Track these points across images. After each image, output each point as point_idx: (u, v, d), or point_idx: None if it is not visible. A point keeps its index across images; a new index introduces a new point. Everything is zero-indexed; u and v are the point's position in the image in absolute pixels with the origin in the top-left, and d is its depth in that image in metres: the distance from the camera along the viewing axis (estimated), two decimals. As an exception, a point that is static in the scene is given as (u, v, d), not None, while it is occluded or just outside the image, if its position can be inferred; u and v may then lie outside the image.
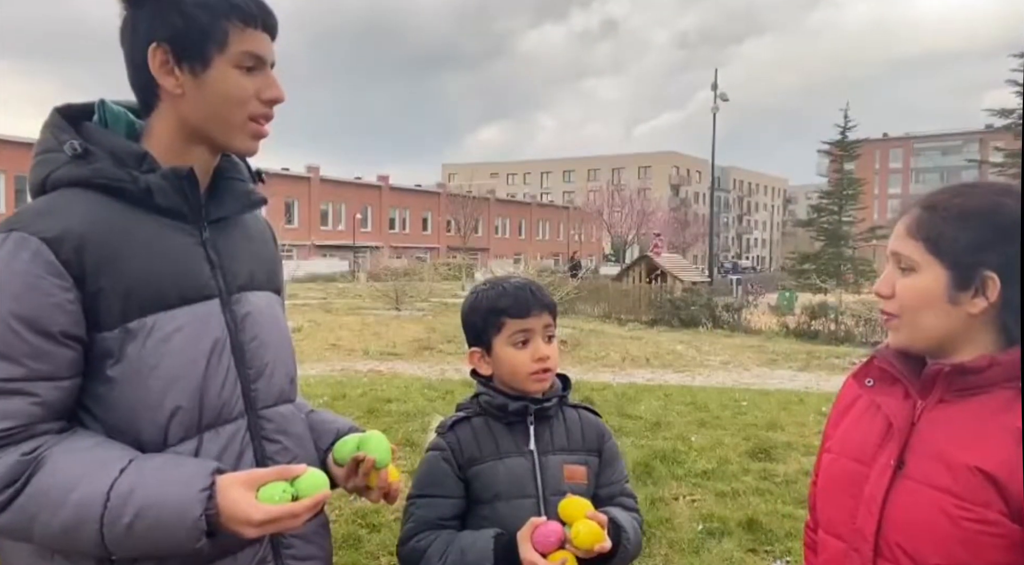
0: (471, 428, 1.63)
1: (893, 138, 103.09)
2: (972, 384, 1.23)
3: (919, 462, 1.24)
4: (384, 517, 4.34)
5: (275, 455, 1.35)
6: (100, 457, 1.17)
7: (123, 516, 1.12)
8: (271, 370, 1.38)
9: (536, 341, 1.62)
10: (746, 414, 7.80)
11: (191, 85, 1.26)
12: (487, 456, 1.59)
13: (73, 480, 1.13)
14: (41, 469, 1.14)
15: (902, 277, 1.27)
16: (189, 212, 1.31)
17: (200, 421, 1.26)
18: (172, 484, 1.14)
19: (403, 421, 7.07)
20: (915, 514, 1.22)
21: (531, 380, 1.61)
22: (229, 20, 1.25)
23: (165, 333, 1.23)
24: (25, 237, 1.17)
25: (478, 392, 1.68)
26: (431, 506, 1.57)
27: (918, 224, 1.26)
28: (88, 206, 1.23)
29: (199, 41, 1.24)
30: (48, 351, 1.16)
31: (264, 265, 1.46)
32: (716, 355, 13.37)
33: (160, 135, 1.30)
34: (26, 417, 1.15)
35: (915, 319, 1.26)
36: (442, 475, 1.59)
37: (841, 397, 1.49)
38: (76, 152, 1.24)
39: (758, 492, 5.07)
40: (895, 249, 1.29)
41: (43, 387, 1.17)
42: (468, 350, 1.71)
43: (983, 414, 1.21)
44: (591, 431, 1.70)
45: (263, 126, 1.33)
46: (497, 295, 1.65)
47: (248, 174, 1.44)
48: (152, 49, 1.24)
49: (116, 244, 1.22)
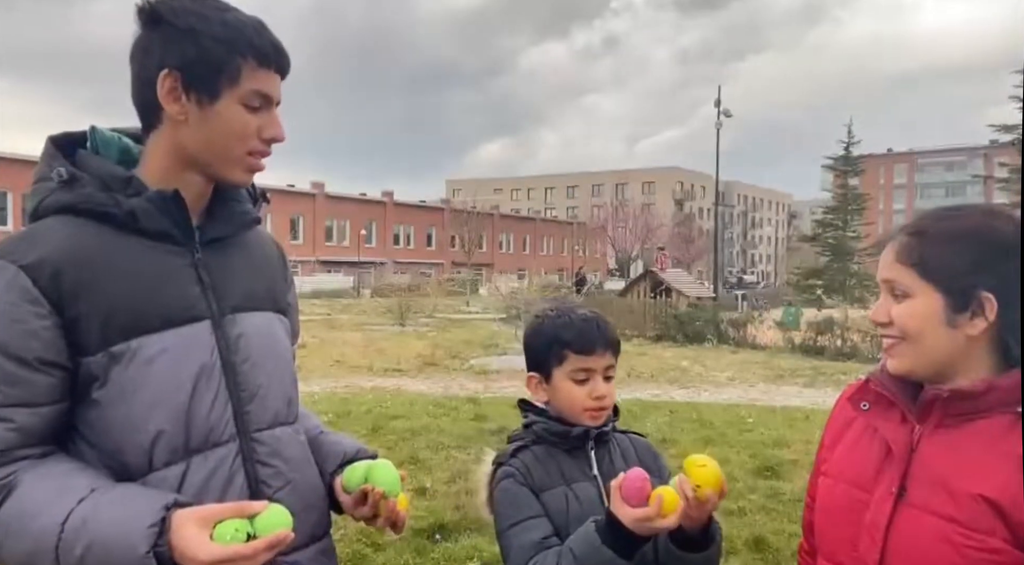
0: (533, 455, 1.59)
1: (897, 153, 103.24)
2: (971, 409, 1.22)
3: (921, 489, 1.22)
4: (389, 537, 4.32)
5: (268, 479, 1.33)
6: (64, 486, 1.16)
7: (75, 548, 1.11)
8: (265, 392, 1.35)
9: (596, 380, 1.60)
10: (752, 431, 7.76)
11: (196, 114, 1.27)
12: (555, 482, 1.56)
13: (36, 508, 1.13)
14: (12, 494, 1.14)
15: (897, 304, 1.26)
16: (179, 234, 1.30)
17: (187, 445, 1.24)
18: (122, 520, 1.12)
19: (408, 438, 7.05)
20: (918, 542, 1.20)
21: (586, 415, 1.60)
22: (244, 58, 1.26)
23: (148, 356, 1.22)
24: (3, 265, 1.19)
25: (531, 421, 1.66)
26: (528, 529, 1.51)
27: (907, 250, 1.26)
28: (69, 232, 1.23)
29: (211, 74, 1.25)
30: (24, 377, 1.17)
31: (265, 284, 1.44)
32: (721, 371, 13.31)
33: (155, 157, 1.31)
34: (3, 443, 1.16)
35: (916, 344, 1.25)
36: (525, 497, 1.54)
37: (834, 418, 1.47)
38: (63, 178, 1.25)
39: (765, 510, 5.04)
40: (887, 277, 1.28)
41: (19, 413, 1.17)
42: (527, 374, 1.69)
43: (984, 440, 1.20)
44: (646, 453, 1.70)
45: (259, 161, 1.34)
46: (562, 325, 1.63)
47: (248, 195, 1.44)
48: (163, 75, 1.25)
49: (96, 269, 1.22)
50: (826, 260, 40.78)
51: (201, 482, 1.24)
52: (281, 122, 1.34)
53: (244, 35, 1.27)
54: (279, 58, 1.31)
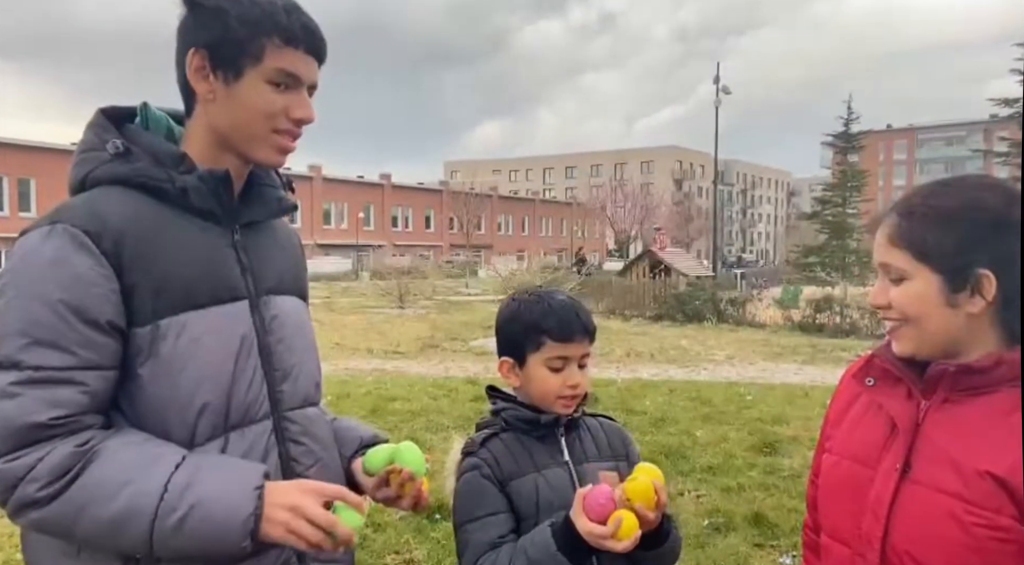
0: (502, 443, 1.58)
1: (897, 129, 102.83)
2: (978, 384, 1.20)
3: (927, 466, 1.20)
4: (389, 517, 4.35)
5: (300, 457, 1.37)
6: (153, 452, 1.18)
7: (177, 509, 1.13)
8: (297, 372, 1.39)
9: (571, 367, 1.59)
10: (751, 408, 7.79)
11: (222, 92, 1.29)
12: (525, 469, 1.55)
13: (128, 472, 1.15)
14: (96, 460, 1.15)
15: (894, 286, 1.25)
16: (222, 214, 1.33)
17: (227, 420, 1.27)
18: (228, 482, 1.17)
19: (408, 420, 7.09)
20: (924, 520, 1.18)
21: (559, 403, 1.59)
22: (269, 37, 1.27)
23: (196, 332, 1.24)
24: (69, 229, 1.19)
25: (500, 408, 1.64)
26: (484, 527, 1.51)
27: (899, 232, 1.24)
28: (126, 203, 1.25)
29: (235, 52, 1.26)
30: (96, 340, 1.18)
31: (291, 271, 1.48)
32: (721, 349, 13.35)
33: (195, 138, 1.33)
34: (76, 406, 1.16)
35: (918, 326, 1.23)
36: (487, 492, 1.53)
37: (839, 394, 1.46)
38: (118, 151, 1.27)
39: (764, 487, 5.07)
40: (882, 260, 1.26)
41: (91, 376, 1.17)
42: (500, 359, 1.66)
43: (991, 416, 1.18)
44: (616, 437, 1.69)
45: (288, 141, 1.35)
46: (541, 312, 1.60)
47: (280, 182, 1.46)
48: (191, 54, 1.28)
49: (152, 241, 1.24)
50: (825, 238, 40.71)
51: (239, 457, 1.27)
52: (310, 103, 1.34)
53: (272, 14, 1.27)
54: (309, 38, 1.31)
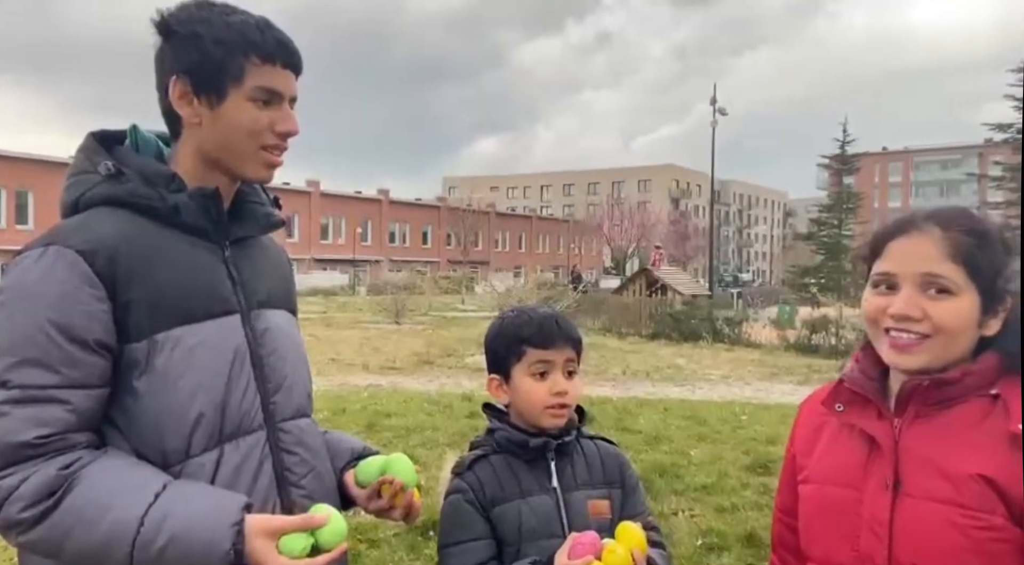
0: (491, 466, 1.57)
1: (893, 152, 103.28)
2: (948, 396, 1.24)
3: (916, 479, 1.23)
4: (383, 533, 4.34)
5: (294, 466, 1.38)
6: (135, 480, 1.19)
7: (155, 541, 1.14)
8: (290, 384, 1.41)
9: (556, 374, 1.57)
10: (746, 428, 7.78)
11: (208, 116, 1.32)
12: (510, 495, 1.53)
13: (109, 499, 1.16)
14: (78, 484, 1.16)
15: (933, 300, 1.23)
16: (213, 231, 1.36)
17: (222, 431, 1.29)
18: (205, 516, 1.17)
19: (403, 436, 7.07)
20: (923, 530, 1.21)
21: (546, 414, 1.57)
22: (247, 57, 1.31)
23: (190, 345, 1.27)
24: (62, 250, 1.22)
25: (493, 428, 1.63)
26: (464, 553, 1.50)
27: (957, 248, 1.23)
28: (119, 222, 1.28)
29: (215, 75, 1.30)
30: (82, 359, 1.20)
31: (281, 285, 1.51)
32: (716, 369, 13.35)
33: (183, 161, 1.37)
34: (61, 425, 1.17)
35: (948, 342, 1.23)
36: (469, 518, 1.52)
37: (801, 426, 1.46)
38: (110, 172, 1.30)
39: (758, 507, 5.06)
40: (933, 271, 1.23)
41: (77, 395, 1.19)
42: (488, 377, 1.67)
43: (968, 423, 1.22)
44: (611, 462, 1.65)
45: (276, 156, 1.38)
46: (522, 323, 1.61)
47: (267, 198, 1.50)
48: (173, 81, 1.31)
49: (146, 258, 1.27)
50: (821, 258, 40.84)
51: (234, 468, 1.29)
52: (294, 116, 1.38)
53: (246, 34, 1.31)
54: (285, 53, 1.35)
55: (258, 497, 1.30)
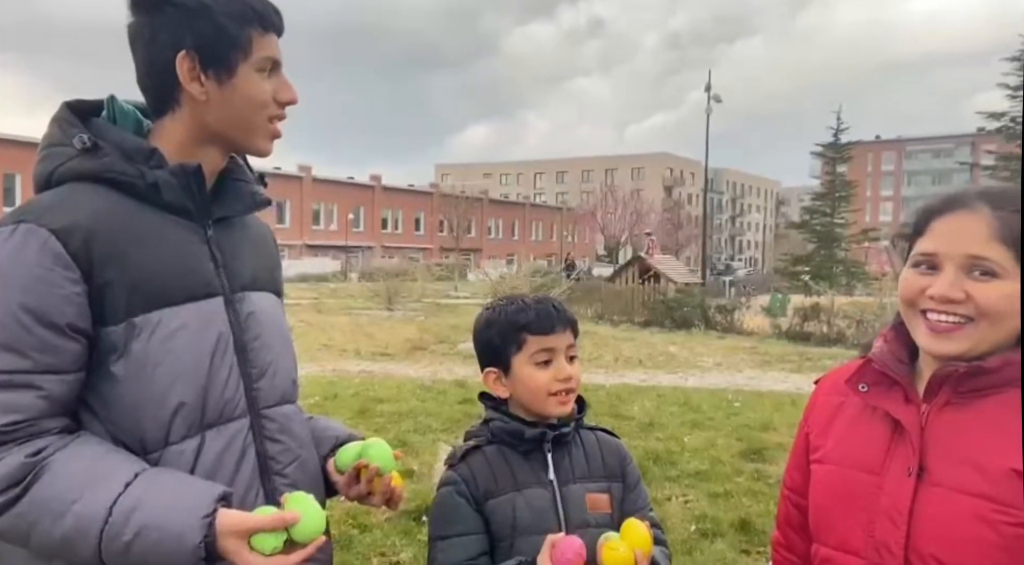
0: (484, 458, 1.51)
1: (885, 141, 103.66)
2: (984, 385, 1.18)
3: (944, 468, 1.17)
4: (375, 518, 4.33)
5: (278, 455, 1.35)
6: (104, 468, 1.14)
7: (123, 534, 1.10)
8: (274, 370, 1.37)
9: (559, 360, 1.52)
10: (739, 415, 7.81)
11: (215, 91, 1.27)
12: (504, 488, 1.48)
13: (76, 490, 1.11)
14: (45, 473, 1.12)
15: (978, 282, 1.16)
16: (195, 210, 1.30)
17: (203, 419, 1.25)
18: (175, 508, 1.12)
19: (395, 422, 7.06)
20: (949, 522, 1.15)
21: (553, 402, 1.51)
22: (253, 27, 1.27)
23: (170, 329, 1.22)
24: (34, 228, 1.16)
25: (489, 418, 1.57)
26: (454, 547, 1.46)
27: (1010, 229, 1.16)
28: (96, 200, 1.22)
29: (228, 49, 1.26)
30: (55, 344, 1.15)
31: (266, 267, 1.46)
32: (709, 356, 13.37)
33: (173, 136, 1.30)
34: (33, 411, 1.14)
35: (992, 326, 1.16)
36: (460, 511, 1.47)
37: (818, 405, 1.41)
38: (85, 146, 1.23)
39: (751, 493, 5.09)
40: (980, 253, 1.16)
41: (49, 380, 1.15)
42: (483, 371, 1.59)
43: (1006, 415, 1.15)
44: (611, 455, 1.59)
45: (278, 127, 1.35)
46: (517, 310, 1.55)
47: (253, 176, 1.44)
48: (180, 57, 1.24)
49: (123, 238, 1.21)
50: (813, 247, 40.97)
51: (216, 456, 1.25)
52: (292, 84, 1.35)
53: (249, 4, 1.28)
54: (279, 20, 1.33)
55: (241, 486, 1.26)
